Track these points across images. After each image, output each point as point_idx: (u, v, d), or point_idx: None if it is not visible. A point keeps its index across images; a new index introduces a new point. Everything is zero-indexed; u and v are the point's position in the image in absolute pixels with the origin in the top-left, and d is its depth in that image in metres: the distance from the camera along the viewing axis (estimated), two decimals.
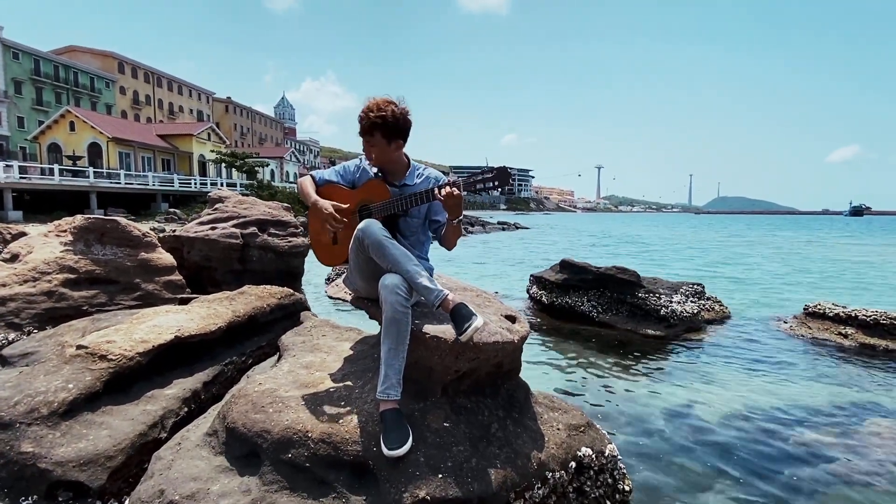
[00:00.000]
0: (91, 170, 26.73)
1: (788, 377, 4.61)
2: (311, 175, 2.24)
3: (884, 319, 5.60)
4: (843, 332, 5.77)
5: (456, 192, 1.84)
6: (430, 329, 1.92)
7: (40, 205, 23.29)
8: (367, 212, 2.09)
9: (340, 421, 1.79)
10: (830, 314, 6.05)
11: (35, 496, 1.91)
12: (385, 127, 1.95)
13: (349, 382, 2.05)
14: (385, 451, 1.67)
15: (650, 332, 5.95)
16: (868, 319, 5.68)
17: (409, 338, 1.82)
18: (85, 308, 3.80)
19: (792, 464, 3.01)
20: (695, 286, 6.80)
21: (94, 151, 34.19)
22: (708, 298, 6.99)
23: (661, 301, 6.16)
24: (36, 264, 3.88)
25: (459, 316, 1.82)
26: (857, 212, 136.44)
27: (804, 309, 6.48)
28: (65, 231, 4.24)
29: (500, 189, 1.87)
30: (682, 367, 4.86)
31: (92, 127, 34.07)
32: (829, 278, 12.39)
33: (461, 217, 1.98)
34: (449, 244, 2.13)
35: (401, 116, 1.98)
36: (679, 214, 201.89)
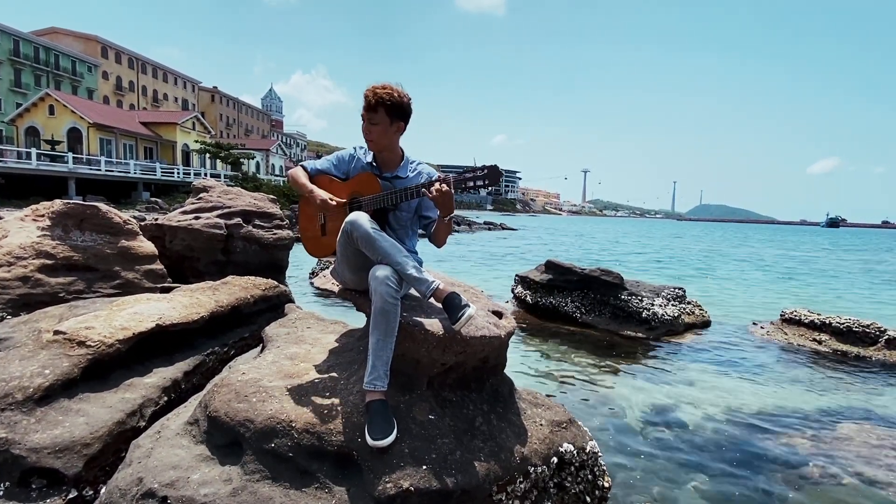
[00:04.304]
0: (70, 155, 26.08)
1: (764, 381, 4.71)
2: (301, 166, 2.22)
3: (856, 327, 5.76)
4: (818, 338, 5.93)
5: (445, 188, 1.85)
6: (419, 322, 1.92)
7: (16, 189, 22.65)
8: (358, 204, 2.09)
9: (325, 411, 1.78)
10: (806, 321, 6.20)
11: (7, 483, 1.86)
12: (390, 105, 1.97)
13: (334, 374, 2.03)
14: (369, 441, 1.66)
15: (632, 333, 6.04)
16: (841, 326, 5.85)
17: (397, 329, 1.82)
18: (62, 295, 3.71)
19: (766, 465, 3.08)
20: (676, 290, 6.91)
21: (74, 136, 33.35)
22: (689, 302, 7.11)
23: (644, 304, 6.25)
24: (11, 249, 3.77)
25: (453, 305, 1.82)
26: (833, 223, 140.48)
27: (781, 315, 6.64)
28: (42, 216, 4.12)
29: (489, 188, 1.88)
30: (662, 369, 4.94)
31: (72, 111, 33.22)
32: (805, 285, 12.70)
33: (453, 214, 1.99)
34: (439, 241, 2.13)
35: (406, 99, 2.01)
36: (663, 220, 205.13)
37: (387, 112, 1.98)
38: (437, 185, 1.84)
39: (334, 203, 1.99)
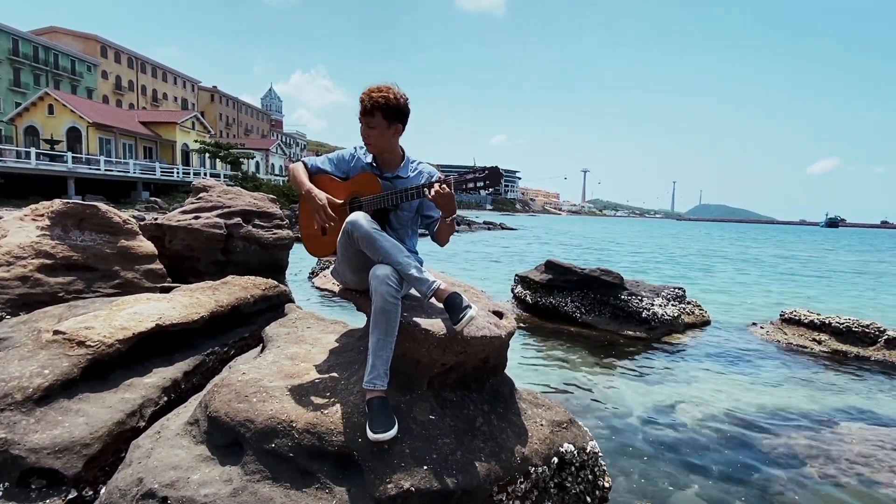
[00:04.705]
0: (69, 155, 26.05)
1: (764, 381, 4.71)
2: (302, 162, 2.21)
3: (856, 327, 5.76)
4: (817, 338, 5.93)
5: (446, 190, 1.84)
6: (419, 322, 1.92)
7: (15, 189, 22.63)
8: (358, 204, 2.08)
9: (325, 411, 1.78)
10: (805, 321, 6.20)
11: (7, 483, 1.86)
12: (387, 108, 1.95)
13: (335, 374, 2.03)
14: (370, 434, 1.66)
15: (632, 333, 6.04)
16: (841, 326, 5.85)
17: (397, 329, 1.81)
18: (61, 295, 3.70)
19: (765, 465, 3.08)
20: (676, 290, 6.91)
21: (74, 136, 33.32)
22: (688, 302, 7.11)
23: (644, 304, 6.25)
24: (10, 248, 3.76)
25: (454, 306, 1.81)
26: (833, 223, 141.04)
27: (780, 315, 6.64)
28: (42, 215, 4.12)
29: (490, 189, 1.88)
30: (662, 369, 4.94)
31: (72, 111, 33.19)
32: (804, 285, 12.71)
33: (455, 215, 1.98)
34: (441, 241, 2.13)
35: (402, 100, 1.99)
36: (662, 220, 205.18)
37: (383, 115, 1.96)
38: (437, 186, 1.83)
39: (330, 210, 1.97)
